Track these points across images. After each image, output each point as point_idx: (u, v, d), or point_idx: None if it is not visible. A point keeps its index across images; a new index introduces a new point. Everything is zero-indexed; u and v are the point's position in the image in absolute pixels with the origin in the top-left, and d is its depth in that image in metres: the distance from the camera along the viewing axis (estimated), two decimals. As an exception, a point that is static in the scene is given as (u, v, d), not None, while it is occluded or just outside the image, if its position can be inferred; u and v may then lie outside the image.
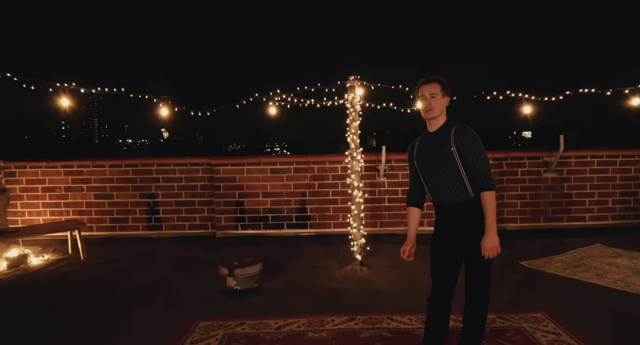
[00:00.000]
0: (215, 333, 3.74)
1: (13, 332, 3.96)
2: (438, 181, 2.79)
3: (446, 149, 2.71)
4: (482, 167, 2.66)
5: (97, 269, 5.88)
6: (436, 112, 2.79)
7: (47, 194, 7.03)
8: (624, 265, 5.55)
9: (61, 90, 4.99)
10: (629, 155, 7.02)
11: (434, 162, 2.78)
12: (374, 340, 3.51)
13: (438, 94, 2.79)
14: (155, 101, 5.62)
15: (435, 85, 2.81)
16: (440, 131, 2.80)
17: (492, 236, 2.63)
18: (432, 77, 2.83)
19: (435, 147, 2.78)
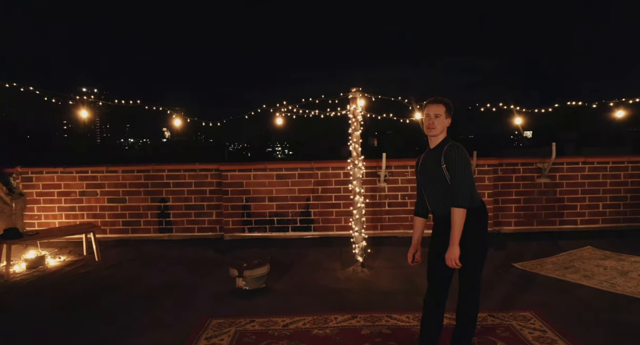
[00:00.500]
0: (227, 330, 4.02)
1: (38, 331, 4.25)
2: (433, 194, 3.07)
3: (439, 165, 2.98)
4: (458, 185, 2.91)
5: (112, 270, 6.17)
6: (437, 131, 3.06)
7: (63, 198, 7.32)
8: (612, 267, 5.82)
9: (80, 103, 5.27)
10: (619, 162, 7.29)
11: (432, 176, 3.06)
12: (374, 337, 3.80)
13: (442, 115, 3.05)
14: (168, 112, 5.92)
15: (441, 106, 3.06)
16: (437, 148, 3.06)
17: (452, 250, 2.91)
18: (439, 98, 3.09)
19: (432, 162, 3.05)
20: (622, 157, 7.31)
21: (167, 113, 5.90)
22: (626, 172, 7.30)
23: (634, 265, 5.83)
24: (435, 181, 3.02)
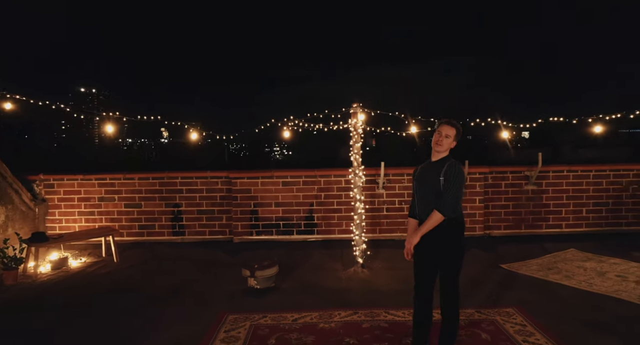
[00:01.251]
0: (243, 324, 4.47)
1: (66, 327, 4.67)
2: (425, 201, 3.53)
3: (438, 177, 3.43)
4: (447, 195, 3.39)
5: (131, 271, 6.61)
6: (443, 148, 3.51)
7: (83, 203, 7.76)
8: (591, 268, 6.27)
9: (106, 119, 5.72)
10: (601, 170, 7.75)
11: (429, 186, 3.51)
12: (374, 330, 4.25)
13: (451, 136, 3.50)
14: (186, 127, 6.38)
15: (453, 129, 3.51)
16: (439, 163, 3.52)
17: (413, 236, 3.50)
18: (453, 122, 3.54)
19: (432, 174, 3.49)
20: (604, 166, 7.76)
21: (185, 127, 6.37)
22: (608, 180, 7.76)
23: (612, 267, 6.29)
24: (431, 190, 3.48)
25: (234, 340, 4.11)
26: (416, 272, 3.63)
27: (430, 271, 3.55)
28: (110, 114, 5.89)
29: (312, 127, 6.36)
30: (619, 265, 6.34)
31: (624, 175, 7.69)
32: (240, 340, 4.10)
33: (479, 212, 7.65)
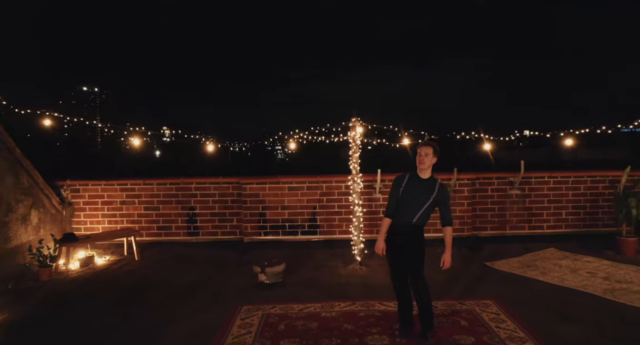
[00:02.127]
0: (255, 313, 5.10)
1: (98, 318, 5.29)
2: (413, 209, 4.19)
3: (430, 194, 4.18)
4: (449, 212, 4.25)
5: (152, 268, 7.23)
6: (426, 166, 4.22)
7: (106, 206, 8.40)
8: (566, 265, 6.89)
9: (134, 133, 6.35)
10: (579, 176, 8.35)
11: (420, 198, 4.21)
12: (369, 318, 4.87)
13: (430, 154, 4.21)
14: (203, 140, 7.02)
15: (430, 148, 4.24)
16: (429, 180, 4.24)
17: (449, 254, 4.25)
18: (429, 143, 4.28)
19: (424, 190, 4.20)
20: (582, 172, 8.37)
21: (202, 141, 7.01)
22: (585, 185, 8.36)
23: (585, 264, 6.90)
24: (420, 202, 4.19)
25: (249, 326, 4.74)
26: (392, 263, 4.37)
27: (402, 264, 4.30)
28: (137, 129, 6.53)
29: (315, 139, 6.98)
30: (591, 263, 6.96)
31: (601, 181, 8.30)
32: (254, 326, 4.74)
33: (467, 214, 8.26)
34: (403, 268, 4.27)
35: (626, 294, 5.56)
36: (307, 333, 4.53)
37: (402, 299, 4.37)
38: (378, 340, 4.34)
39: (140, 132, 6.97)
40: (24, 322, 5.11)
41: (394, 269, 4.34)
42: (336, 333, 4.52)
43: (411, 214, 4.19)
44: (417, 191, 4.21)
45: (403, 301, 4.38)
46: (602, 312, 5.02)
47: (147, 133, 6.69)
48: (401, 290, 4.34)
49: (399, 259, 4.28)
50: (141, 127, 6.90)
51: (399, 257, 4.27)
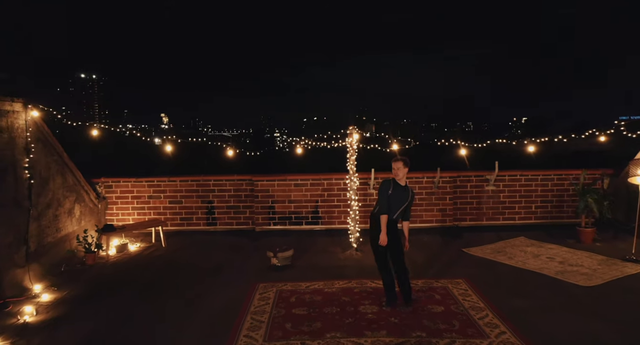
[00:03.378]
0: (271, 289, 6.19)
1: (138, 296, 6.39)
2: (399, 209, 5.30)
3: (409, 197, 5.36)
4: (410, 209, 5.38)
5: (178, 253, 8.31)
6: (400, 176, 5.34)
7: (135, 200, 9.45)
8: (530, 251, 7.97)
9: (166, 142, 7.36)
10: (547, 175, 9.40)
11: (403, 201, 5.36)
12: (362, 293, 5.96)
13: (401, 167, 5.31)
14: (224, 146, 8.05)
15: (401, 162, 5.35)
16: (406, 187, 5.41)
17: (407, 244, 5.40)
18: (400, 158, 5.42)
19: (405, 195, 5.36)
20: (550, 171, 9.41)
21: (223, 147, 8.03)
22: (552, 182, 9.42)
23: (547, 251, 7.98)
24: (402, 204, 5.34)
25: (267, 299, 5.84)
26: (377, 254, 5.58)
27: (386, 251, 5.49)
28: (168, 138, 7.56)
29: (317, 144, 8.03)
30: (553, 250, 8.03)
31: (565, 179, 9.35)
32: (271, 299, 5.83)
33: (449, 207, 9.33)
34: (383, 255, 5.46)
35: (574, 275, 6.65)
36: (313, 303, 5.63)
37: (388, 278, 5.48)
38: (368, 308, 5.44)
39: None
40: (82, 297, 6.20)
41: (382, 256, 5.46)
42: (336, 303, 5.61)
43: (398, 214, 5.36)
44: (402, 196, 5.37)
45: (388, 280, 5.48)
46: (549, 289, 6.12)
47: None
48: (384, 272, 5.49)
49: (384, 247, 5.39)
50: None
51: (385, 247, 5.39)
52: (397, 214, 5.37)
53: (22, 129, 6.61)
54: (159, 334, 5.05)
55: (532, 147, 8.01)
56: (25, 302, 5.89)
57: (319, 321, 5.13)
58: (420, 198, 9.23)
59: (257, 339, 4.76)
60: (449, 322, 5.04)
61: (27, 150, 6.66)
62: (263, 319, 5.25)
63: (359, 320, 5.14)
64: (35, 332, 5.11)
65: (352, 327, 4.97)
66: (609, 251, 7.75)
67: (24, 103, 6.62)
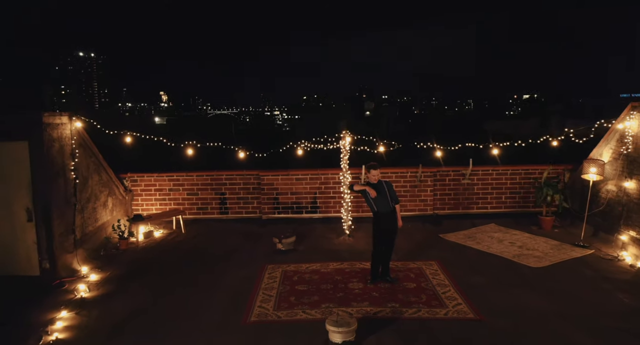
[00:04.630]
0: (277, 269, 7.39)
1: (167, 275, 7.60)
2: (383, 201, 6.45)
3: (385, 189, 6.42)
4: (395, 195, 6.42)
5: (196, 239, 9.48)
6: (376, 179, 6.46)
7: (157, 192, 10.59)
8: (496, 237, 9.14)
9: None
10: (516, 169, 10.51)
11: (383, 193, 6.43)
12: (352, 272, 7.15)
13: (377, 173, 6.46)
14: (237, 149, 9.19)
15: (377, 170, 6.50)
16: (380, 182, 6.45)
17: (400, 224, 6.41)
18: (373, 164, 6.54)
19: (381, 188, 6.43)
20: (518, 167, 10.52)
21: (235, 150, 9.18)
22: (520, 176, 10.55)
23: (511, 237, 9.13)
24: (385, 196, 6.44)
25: (274, 277, 7.04)
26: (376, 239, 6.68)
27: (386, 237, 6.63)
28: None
29: (315, 147, 9.16)
30: (516, 235, 9.20)
31: (532, 173, 10.48)
32: (278, 277, 7.04)
33: (430, 198, 10.49)
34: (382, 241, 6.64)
35: (527, 258, 7.83)
36: (312, 281, 6.84)
37: (378, 261, 6.68)
38: (355, 285, 6.65)
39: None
40: (123, 276, 7.40)
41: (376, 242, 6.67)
42: (330, 281, 6.82)
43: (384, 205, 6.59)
44: (381, 190, 6.53)
45: (377, 262, 6.67)
46: (505, 269, 7.31)
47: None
48: (378, 260, 6.69)
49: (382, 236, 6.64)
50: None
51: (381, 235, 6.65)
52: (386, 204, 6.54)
53: (69, 138, 7.72)
54: (191, 303, 6.26)
55: (496, 150, 9.14)
56: (77, 282, 7.09)
57: (316, 295, 6.34)
58: (405, 190, 10.38)
59: (269, 308, 5.97)
60: (418, 296, 6.24)
61: (72, 155, 7.78)
62: (272, 293, 6.46)
63: (347, 294, 6.35)
64: (92, 305, 6.32)
65: (342, 299, 6.18)
66: (564, 237, 8.91)
67: (69, 115, 7.73)
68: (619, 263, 7.50)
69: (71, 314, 6.00)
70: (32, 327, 5.59)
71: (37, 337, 5.31)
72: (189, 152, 9.14)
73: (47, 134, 7.07)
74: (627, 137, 7.79)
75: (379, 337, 5.21)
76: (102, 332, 5.55)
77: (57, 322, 5.70)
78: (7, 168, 6.98)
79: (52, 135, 7.24)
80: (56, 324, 5.64)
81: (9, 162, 6.96)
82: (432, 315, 5.71)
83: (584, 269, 7.29)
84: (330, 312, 5.69)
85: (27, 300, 6.43)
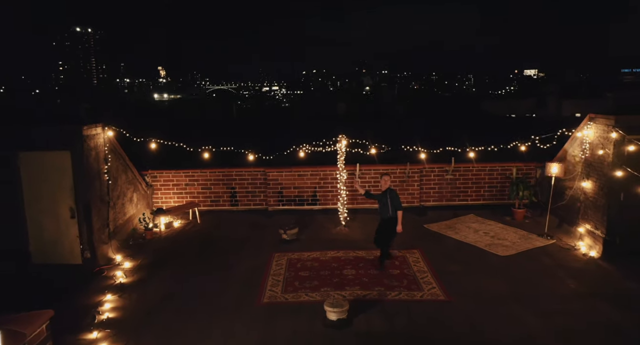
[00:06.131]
0: (283, 257, 8.47)
1: (186, 261, 8.69)
2: (383, 208, 7.48)
3: (388, 198, 7.44)
4: (397, 203, 7.44)
5: (211, 228, 10.53)
6: (386, 186, 7.47)
7: (175, 187, 11.61)
8: (473, 227, 10.21)
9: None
10: (493, 166, 11.51)
11: (384, 202, 7.46)
12: (347, 259, 8.20)
13: (388, 180, 7.49)
14: (246, 153, 10.20)
15: (388, 177, 7.55)
16: (385, 192, 7.47)
17: (399, 227, 7.43)
18: (385, 172, 7.68)
19: (384, 198, 7.45)
20: (496, 164, 11.51)
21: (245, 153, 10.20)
22: (497, 172, 11.55)
23: (486, 227, 10.20)
24: (386, 204, 7.49)
25: (281, 265, 8.13)
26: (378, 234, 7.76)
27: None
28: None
29: (314, 150, 10.16)
30: (490, 226, 10.27)
31: (508, 169, 11.49)
32: (284, 265, 8.12)
33: (417, 191, 11.53)
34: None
35: (497, 247, 8.90)
36: (312, 268, 7.93)
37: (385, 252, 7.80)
38: (349, 271, 7.73)
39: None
40: (153, 263, 8.47)
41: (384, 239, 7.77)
42: (327, 268, 7.91)
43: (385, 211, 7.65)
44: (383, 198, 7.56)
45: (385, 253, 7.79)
46: (476, 258, 8.39)
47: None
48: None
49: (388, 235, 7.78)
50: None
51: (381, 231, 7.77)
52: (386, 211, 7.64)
53: (102, 145, 8.71)
54: (211, 287, 7.34)
55: (472, 153, 10.14)
56: (114, 269, 8.18)
57: (316, 280, 7.44)
58: (394, 185, 11.40)
59: (277, 292, 7.07)
60: (400, 281, 7.34)
61: (105, 160, 8.79)
62: (280, 278, 7.56)
63: (342, 279, 7.44)
64: (130, 289, 7.41)
65: (338, 284, 7.27)
66: (532, 228, 9.96)
67: (102, 126, 8.71)
68: (575, 252, 8.58)
69: (114, 297, 7.09)
70: (85, 308, 6.69)
71: (91, 316, 6.40)
72: (205, 155, 10.15)
73: (86, 145, 8.05)
74: (585, 144, 8.79)
75: (367, 316, 6.31)
76: (142, 312, 6.63)
77: (105, 304, 6.80)
78: (53, 173, 7.99)
79: (90, 145, 8.23)
80: (104, 306, 6.74)
81: (54, 168, 7.96)
82: (411, 297, 6.81)
83: (544, 258, 8.36)
84: (328, 295, 6.79)
85: (75, 285, 7.52)
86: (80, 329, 6.11)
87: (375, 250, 8.17)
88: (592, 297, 6.77)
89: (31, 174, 7.95)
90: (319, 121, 46.40)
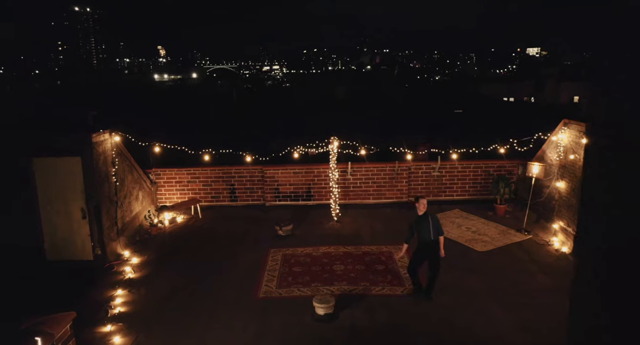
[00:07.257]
0: (279, 253, 9.03)
1: (201, 253, 9.25)
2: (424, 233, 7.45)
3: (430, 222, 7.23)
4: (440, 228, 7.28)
5: (212, 223, 11.09)
6: (422, 210, 7.31)
7: (177, 184, 12.14)
8: (457, 222, 10.75)
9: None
10: (478, 164, 12.01)
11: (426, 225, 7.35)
12: (336, 255, 8.77)
13: (424, 202, 7.36)
14: (244, 154, 10.70)
15: (425, 200, 7.39)
16: (425, 215, 7.30)
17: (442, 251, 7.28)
18: (421, 195, 7.60)
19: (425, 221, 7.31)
20: (480, 161, 12.00)
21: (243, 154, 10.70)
22: (481, 169, 12.05)
23: (469, 222, 10.75)
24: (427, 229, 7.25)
25: (276, 260, 8.70)
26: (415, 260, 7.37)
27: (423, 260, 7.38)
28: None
29: (309, 151, 10.66)
30: (473, 221, 10.81)
31: (491, 166, 12.00)
32: (279, 260, 8.70)
33: (405, 187, 12.06)
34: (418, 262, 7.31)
35: (477, 243, 9.46)
36: (305, 263, 8.50)
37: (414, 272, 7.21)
38: (338, 267, 8.30)
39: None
40: (158, 259, 9.04)
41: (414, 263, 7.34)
42: (319, 263, 8.48)
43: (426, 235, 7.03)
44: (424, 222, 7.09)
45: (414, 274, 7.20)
46: (457, 253, 8.91)
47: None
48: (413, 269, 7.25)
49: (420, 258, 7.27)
50: None
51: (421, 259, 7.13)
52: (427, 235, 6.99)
53: (110, 149, 9.21)
54: (213, 282, 7.91)
55: (455, 155, 10.63)
56: (122, 264, 8.76)
57: (308, 276, 8.02)
58: (384, 181, 11.94)
59: (272, 287, 7.66)
60: (384, 276, 7.92)
61: (112, 163, 9.29)
62: (275, 274, 8.14)
63: (331, 274, 8.02)
64: (139, 284, 8.00)
65: (327, 279, 7.85)
66: (512, 223, 10.48)
67: (110, 132, 9.19)
68: (549, 247, 9.14)
69: (125, 291, 7.68)
70: (98, 303, 7.28)
71: (104, 310, 7.00)
72: (206, 157, 10.66)
73: (95, 151, 8.55)
74: (559, 147, 9.28)
75: (351, 310, 6.89)
76: (151, 306, 7.22)
77: (117, 298, 7.39)
78: (65, 177, 8.50)
79: (99, 150, 8.73)
80: (116, 300, 7.33)
81: (66, 173, 8.47)
82: (393, 292, 7.39)
83: (519, 253, 8.92)
84: (317, 290, 7.37)
85: (87, 280, 8.11)
86: (95, 323, 6.70)
87: (364, 245, 8.71)
88: (559, 292, 7.33)
89: (45, 178, 8.47)
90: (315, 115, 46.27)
